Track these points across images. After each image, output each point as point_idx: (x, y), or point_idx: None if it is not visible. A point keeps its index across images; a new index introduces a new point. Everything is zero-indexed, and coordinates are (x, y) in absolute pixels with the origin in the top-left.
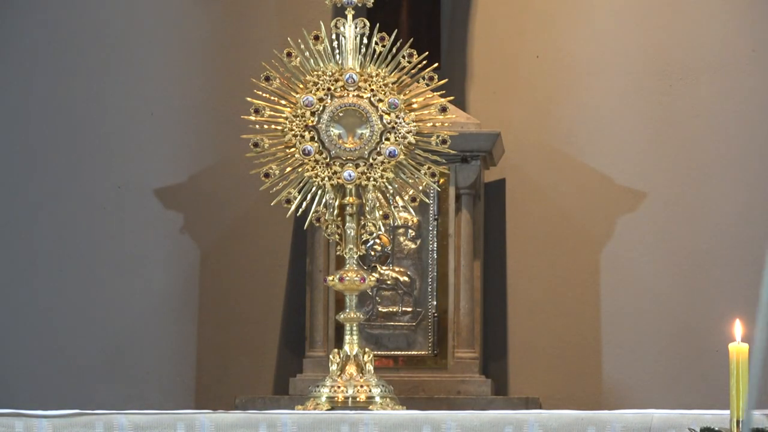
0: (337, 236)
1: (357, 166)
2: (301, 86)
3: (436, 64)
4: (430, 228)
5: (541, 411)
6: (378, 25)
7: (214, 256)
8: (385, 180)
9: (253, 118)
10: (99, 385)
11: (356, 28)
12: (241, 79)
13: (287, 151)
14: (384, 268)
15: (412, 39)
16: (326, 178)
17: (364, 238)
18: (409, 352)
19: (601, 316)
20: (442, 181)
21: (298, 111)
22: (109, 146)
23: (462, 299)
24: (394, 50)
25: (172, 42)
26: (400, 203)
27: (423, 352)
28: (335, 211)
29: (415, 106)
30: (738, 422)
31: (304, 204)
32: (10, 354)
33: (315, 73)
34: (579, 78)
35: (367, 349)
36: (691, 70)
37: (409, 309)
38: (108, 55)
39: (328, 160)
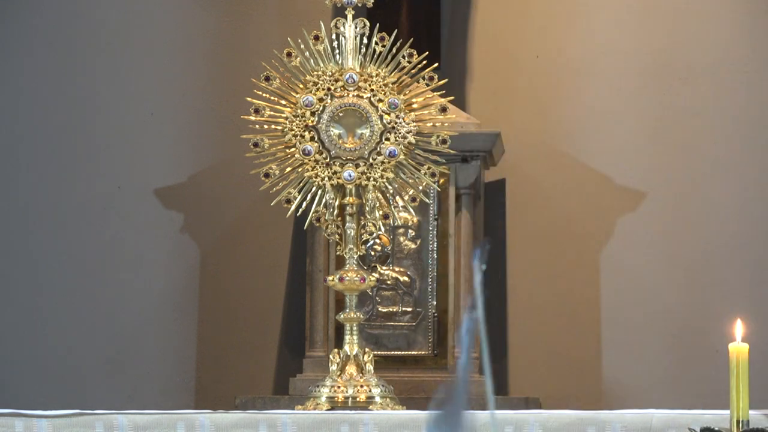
0: (337, 236)
1: (357, 166)
2: (301, 86)
3: (436, 64)
4: (430, 228)
5: (541, 411)
6: (378, 25)
7: (214, 256)
8: (385, 180)
9: (253, 118)
10: (99, 385)
11: (356, 28)
12: (241, 79)
13: (287, 151)
14: (384, 268)
15: (412, 39)
16: (326, 178)
17: (364, 238)
18: (409, 352)
19: (601, 316)
20: (442, 181)
21: (298, 111)
22: (109, 146)
23: (462, 299)
24: (394, 50)
25: (172, 42)
26: (400, 203)
27: (423, 352)
28: (335, 211)
29: (415, 106)
30: (738, 422)
31: (304, 204)
32: (10, 354)
33: (315, 73)
34: (579, 78)
35: (367, 349)
36: (691, 70)
37: (409, 309)
38: (108, 55)
39: (328, 160)
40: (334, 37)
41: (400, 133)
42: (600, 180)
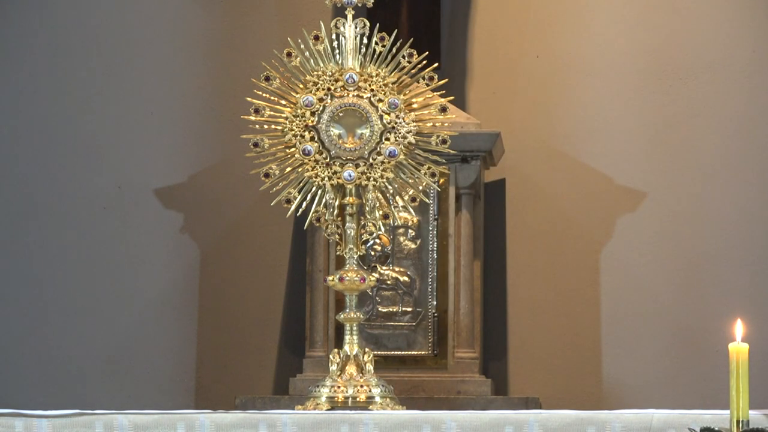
0: (337, 236)
1: (357, 166)
2: (301, 86)
3: (436, 64)
4: (430, 228)
5: (541, 411)
6: (378, 25)
7: (214, 256)
8: (385, 180)
9: (253, 118)
10: (99, 385)
11: (356, 28)
12: (241, 79)
13: (287, 151)
14: (384, 268)
15: (412, 39)
16: (326, 178)
17: (364, 238)
18: (409, 352)
19: (601, 316)
20: (442, 181)
21: (298, 111)
22: (109, 146)
23: (462, 299)
24: (394, 50)
25: (172, 42)
26: (400, 203)
27: (423, 352)
28: (335, 211)
29: (415, 106)
30: (738, 422)
31: (304, 204)
32: (10, 354)
33: (315, 73)
34: (579, 78)
35: (367, 349)
36: (691, 70)
37: (409, 309)
38: (108, 54)
39: (328, 160)
40: (334, 37)
41: (400, 133)
42: (600, 180)
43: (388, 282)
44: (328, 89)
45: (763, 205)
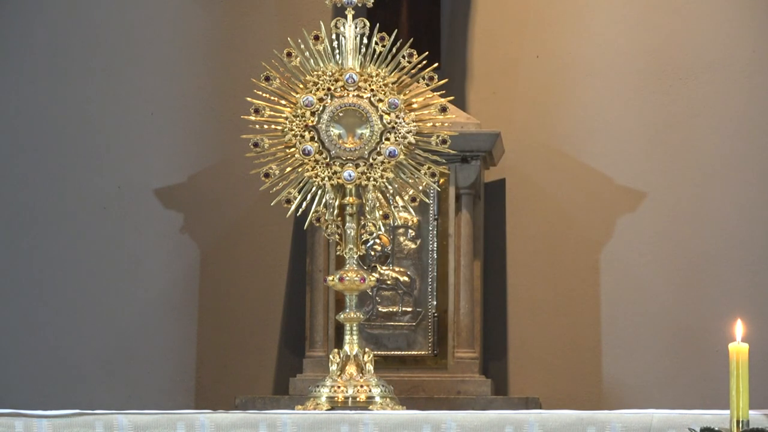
0: (337, 236)
1: (357, 166)
2: (301, 86)
3: (436, 64)
4: (430, 228)
5: (541, 411)
6: (378, 25)
7: (214, 256)
8: (385, 180)
9: (253, 118)
10: (99, 385)
11: (356, 28)
12: (241, 79)
13: (287, 151)
14: (384, 268)
15: (412, 39)
16: (326, 178)
17: (364, 238)
18: (409, 352)
19: (601, 316)
20: (442, 181)
21: (298, 111)
22: (109, 146)
23: (462, 299)
24: (394, 50)
25: (172, 42)
26: (400, 203)
27: (423, 352)
28: (335, 211)
29: (415, 106)
30: (738, 422)
31: (304, 204)
32: (10, 354)
33: (315, 73)
34: (579, 78)
35: (367, 349)
36: (691, 70)
37: (409, 309)
38: (108, 55)
39: (328, 160)
40: (334, 37)
41: (400, 133)
42: (600, 180)
43: (388, 282)
44: (328, 89)
45: (763, 205)
